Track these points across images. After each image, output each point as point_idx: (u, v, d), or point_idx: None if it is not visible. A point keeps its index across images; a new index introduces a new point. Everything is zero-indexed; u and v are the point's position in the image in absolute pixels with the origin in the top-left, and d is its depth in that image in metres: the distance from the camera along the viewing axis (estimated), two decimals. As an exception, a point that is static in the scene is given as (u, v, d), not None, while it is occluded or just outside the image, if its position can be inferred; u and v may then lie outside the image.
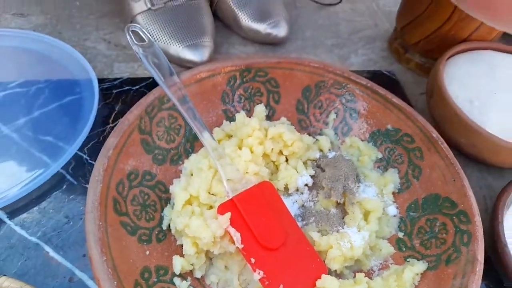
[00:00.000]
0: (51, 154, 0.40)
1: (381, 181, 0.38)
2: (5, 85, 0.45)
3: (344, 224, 0.35)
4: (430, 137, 0.37)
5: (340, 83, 0.41)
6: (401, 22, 0.56)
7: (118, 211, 0.31)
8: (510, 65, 0.48)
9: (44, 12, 0.57)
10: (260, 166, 0.36)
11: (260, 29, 0.56)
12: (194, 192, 0.33)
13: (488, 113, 0.43)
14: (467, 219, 0.32)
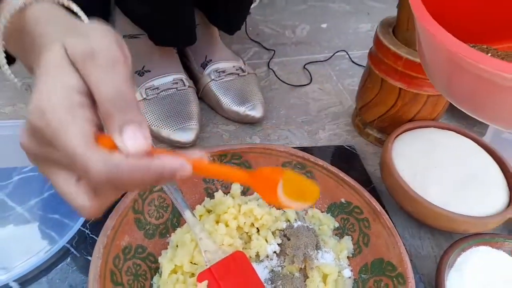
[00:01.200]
0: (58, 230, 0.46)
1: (337, 247, 0.45)
2: (20, 169, 0.53)
3: (305, 286, 0.42)
4: (374, 209, 0.45)
5: (301, 164, 0.49)
6: (359, 103, 0.66)
7: (114, 281, 0.37)
8: (448, 141, 0.57)
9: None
10: (235, 238, 0.43)
11: (239, 111, 0.65)
12: (179, 263, 0.40)
13: (429, 185, 0.51)
14: (404, 280, 0.39)
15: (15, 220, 0.47)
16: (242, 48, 0.87)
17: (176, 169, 0.24)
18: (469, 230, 0.49)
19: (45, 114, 0.22)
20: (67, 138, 0.22)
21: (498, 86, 0.30)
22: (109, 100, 0.24)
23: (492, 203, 0.50)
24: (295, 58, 0.86)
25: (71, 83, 0.24)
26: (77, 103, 0.23)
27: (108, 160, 0.23)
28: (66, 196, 0.25)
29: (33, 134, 0.24)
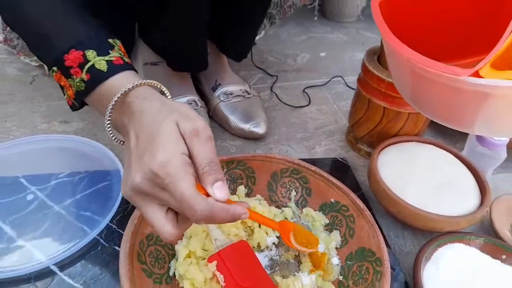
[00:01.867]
0: (89, 225, 0.55)
1: (328, 239, 0.53)
2: (56, 175, 0.62)
3: (299, 270, 0.49)
4: (358, 207, 0.52)
5: (297, 169, 0.58)
6: (351, 121, 0.75)
7: (140, 260, 0.45)
8: (427, 153, 0.65)
9: (82, 119, 0.76)
10: (239, 230, 0.51)
11: (245, 128, 0.75)
12: (192, 249, 0.48)
13: (409, 190, 0.59)
14: (380, 263, 0.46)
15: (53, 216, 0.56)
16: (248, 74, 0.97)
17: (242, 214, 0.37)
18: (444, 228, 0.56)
19: (166, 167, 0.33)
20: (182, 185, 0.33)
21: (451, 88, 0.37)
22: (205, 164, 0.35)
23: (465, 206, 0.57)
24: (296, 83, 0.96)
25: (183, 149, 0.35)
26: (188, 163, 0.35)
27: (208, 203, 0.34)
28: (156, 224, 0.36)
29: (152, 179, 0.34)
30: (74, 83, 0.41)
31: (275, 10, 0.98)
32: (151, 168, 0.34)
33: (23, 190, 0.59)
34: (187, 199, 0.33)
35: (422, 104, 0.44)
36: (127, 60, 0.43)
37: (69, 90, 0.43)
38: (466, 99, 0.37)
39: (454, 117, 0.42)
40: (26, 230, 0.53)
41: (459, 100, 0.38)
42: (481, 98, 0.35)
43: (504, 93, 0.33)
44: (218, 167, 0.36)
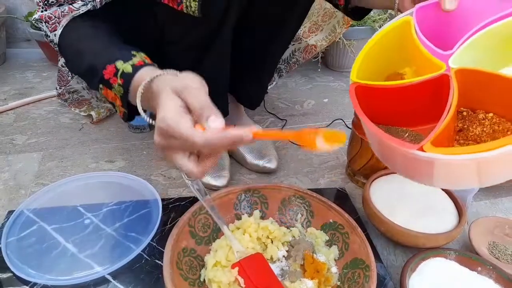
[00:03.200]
0: (135, 243, 0.68)
1: (328, 253, 0.65)
2: (107, 204, 0.76)
3: (304, 277, 0.61)
4: (352, 225, 0.64)
5: (302, 196, 0.71)
6: (348, 157, 0.88)
7: (179, 267, 0.58)
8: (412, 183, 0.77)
9: (124, 159, 0.92)
10: (255, 244, 0.64)
11: (259, 164, 0.88)
12: (218, 259, 0.60)
13: (396, 212, 0.70)
14: (369, 269, 0.57)
15: (106, 236, 0.69)
16: (262, 119, 1.12)
17: (242, 135, 0.42)
18: (426, 244, 0.67)
19: (165, 119, 0.43)
20: (180, 128, 0.41)
21: (406, 157, 0.48)
22: (199, 108, 0.42)
23: (444, 225, 0.69)
24: (303, 125, 1.10)
25: (178, 102, 0.43)
26: (183, 111, 0.43)
27: (203, 134, 0.41)
28: (181, 167, 0.45)
29: (160, 133, 0.44)
30: (116, 90, 0.54)
31: (283, 66, 1.15)
32: (158, 125, 0.44)
33: (81, 216, 0.73)
34: (186, 136, 0.40)
35: (391, 166, 0.56)
36: (148, 61, 0.54)
37: (116, 100, 0.56)
38: (419, 165, 0.48)
39: (416, 177, 0.53)
40: (85, 248, 0.67)
41: (415, 165, 0.49)
42: (429, 165, 0.46)
43: (441, 163, 0.45)
44: (209, 106, 0.42)
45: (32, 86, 1.27)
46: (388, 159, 0.56)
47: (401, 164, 0.53)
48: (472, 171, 0.45)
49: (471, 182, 0.48)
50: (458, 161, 0.43)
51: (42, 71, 1.39)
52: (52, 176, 0.85)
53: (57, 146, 0.95)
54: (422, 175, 0.51)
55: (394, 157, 0.52)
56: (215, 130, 0.41)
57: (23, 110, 1.11)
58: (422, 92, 0.53)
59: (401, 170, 0.55)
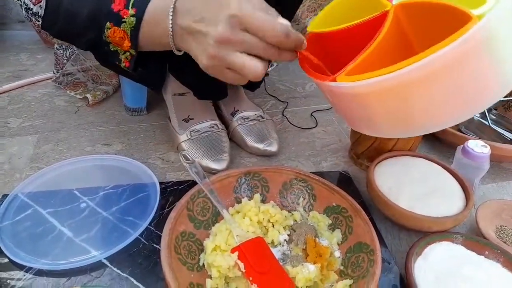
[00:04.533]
0: (132, 227, 0.66)
1: (331, 237, 0.63)
2: (103, 188, 0.74)
3: (306, 261, 0.59)
4: (355, 208, 0.62)
5: (304, 179, 0.69)
6: (351, 139, 0.86)
7: (177, 251, 0.56)
8: (418, 164, 0.75)
9: (121, 142, 0.89)
10: (256, 228, 0.62)
11: (259, 147, 0.86)
12: (218, 243, 0.59)
13: (401, 195, 0.68)
14: (373, 253, 0.55)
15: (103, 220, 0.67)
16: (262, 101, 1.10)
17: (303, 41, 0.47)
18: (432, 228, 0.65)
19: (242, 8, 0.43)
20: (259, 15, 0.43)
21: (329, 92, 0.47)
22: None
23: (450, 209, 0.67)
24: (304, 108, 1.08)
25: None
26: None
27: (282, 23, 0.44)
28: (246, 64, 0.45)
29: (231, 23, 0.43)
30: (127, 23, 0.50)
31: None
32: (230, 13, 0.42)
33: (77, 200, 0.71)
34: (266, 21, 0.42)
35: (336, 112, 0.55)
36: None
37: (125, 41, 0.52)
38: (340, 99, 0.47)
39: (351, 119, 0.52)
40: (81, 232, 0.65)
41: (339, 99, 0.48)
42: (345, 97, 0.45)
43: (350, 92, 0.43)
44: (270, 8, 0.45)
45: (26, 68, 1.24)
46: (332, 104, 0.54)
47: (334, 104, 0.52)
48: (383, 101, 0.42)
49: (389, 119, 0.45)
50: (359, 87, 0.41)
51: (36, 53, 1.36)
52: (47, 159, 0.82)
53: (53, 129, 0.92)
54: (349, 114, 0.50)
55: (329, 98, 0.51)
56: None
57: (17, 92, 1.08)
58: (367, 34, 0.49)
59: (338, 111, 0.54)
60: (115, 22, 0.52)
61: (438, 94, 0.40)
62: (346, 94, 0.44)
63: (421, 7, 0.47)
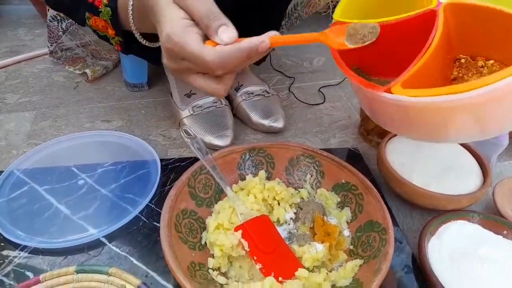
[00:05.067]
0: (132, 205, 0.63)
1: (340, 215, 0.59)
2: (102, 164, 0.71)
3: (314, 240, 0.56)
4: (366, 185, 0.59)
5: (311, 155, 0.65)
6: (361, 115, 0.82)
7: (177, 229, 0.53)
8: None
9: (122, 118, 0.86)
10: (261, 206, 0.58)
11: (265, 123, 0.82)
12: (220, 221, 0.56)
13: (414, 172, 0.65)
14: (385, 232, 0.52)
15: (101, 198, 0.65)
16: (268, 77, 1.05)
17: (257, 44, 0.36)
18: (447, 206, 0.62)
19: (171, 38, 0.37)
20: (188, 47, 0.36)
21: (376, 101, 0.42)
22: (204, 16, 0.36)
23: (467, 186, 0.63)
24: (312, 83, 1.03)
25: (180, 14, 0.38)
26: (188, 24, 0.38)
27: (215, 50, 0.36)
28: (202, 88, 0.39)
29: (168, 54, 0.38)
30: (104, 13, 0.47)
31: (283, 21, 1.05)
32: (164, 46, 0.37)
33: (75, 177, 0.68)
34: (196, 55, 0.35)
35: (372, 117, 0.51)
36: None
37: (108, 28, 0.48)
38: (390, 111, 0.43)
39: (395, 127, 0.48)
40: (79, 209, 0.62)
41: (386, 109, 0.44)
42: (399, 109, 0.41)
43: (408, 105, 0.39)
44: (218, 14, 0.37)
45: (24, 43, 1.20)
46: (368, 110, 0.51)
47: (378, 113, 0.48)
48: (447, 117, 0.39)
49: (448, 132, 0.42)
50: (423, 104, 0.38)
51: (34, 29, 1.31)
52: (45, 136, 0.80)
53: (51, 105, 0.89)
54: (397, 123, 0.46)
55: (369, 104, 0.47)
56: (228, 43, 0.35)
57: (14, 68, 1.05)
58: (409, 32, 0.46)
59: (379, 120, 0.50)
60: (93, 12, 0.48)
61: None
62: (399, 106, 0.40)
63: (472, 9, 0.43)
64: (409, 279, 0.56)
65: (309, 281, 0.50)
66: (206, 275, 0.51)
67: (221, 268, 0.53)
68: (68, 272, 0.50)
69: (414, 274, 0.56)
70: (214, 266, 0.52)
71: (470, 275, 0.53)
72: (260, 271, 0.51)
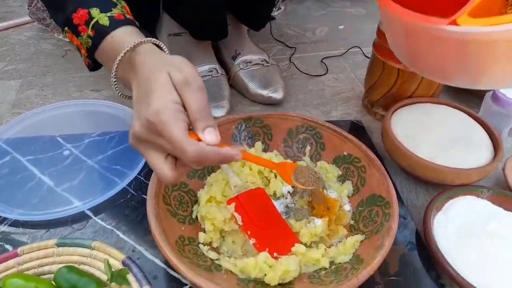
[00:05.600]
0: (119, 177, 0.59)
1: (340, 189, 0.56)
2: (89, 135, 0.67)
3: (312, 215, 0.52)
4: (369, 157, 0.55)
5: (312, 126, 0.61)
6: (366, 85, 0.77)
7: (165, 202, 0.50)
8: (440, 112, 0.67)
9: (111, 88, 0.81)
10: (256, 178, 0.55)
11: (263, 94, 0.78)
12: (213, 194, 0.52)
13: (420, 144, 0.60)
14: (389, 206, 0.49)
15: (87, 169, 0.61)
16: (268, 47, 1.00)
17: (233, 155, 0.40)
18: (455, 181, 0.58)
19: (159, 115, 0.36)
20: (173, 130, 0.36)
21: (437, 39, 0.38)
22: (197, 112, 0.38)
23: (476, 160, 0.59)
24: (314, 54, 0.98)
25: (176, 98, 0.38)
26: (179, 110, 0.38)
27: (198, 145, 0.37)
28: (156, 168, 0.40)
29: (148, 127, 0.37)
30: (83, 40, 0.45)
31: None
32: (146, 116, 0.37)
33: (60, 147, 0.64)
34: (179, 142, 0.36)
35: (417, 62, 0.46)
36: (128, 16, 0.46)
37: (82, 49, 0.47)
38: (451, 50, 0.39)
39: (444, 70, 0.43)
40: (63, 181, 0.59)
41: (439, 48, 0.40)
42: (464, 46, 0.36)
43: (474, 38, 0.34)
44: (208, 114, 0.39)
45: (12, 10, 1.14)
46: (413, 53, 0.46)
47: (428, 55, 0.43)
48: None
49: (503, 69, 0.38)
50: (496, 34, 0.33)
51: (23, -5, 1.25)
52: (30, 105, 0.75)
53: (38, 74, 0.85)
54: (447, 63, 0.42)
55: (418, 46, 0.42)
56: (210, 144, 0.38)
57: (1, 35, 1.00)
58: None
59: (427, 65, 0.45)
60: (73, 31, 0.46)
61: None
62: (462, 40, 0.36)
63: None
64: (412, 256, 0.52)
65: (306, 257, 0.46)
66: (196, 249, 0.47)
67: (212, 243, 0.50)
68: (48, 246, 0.47)
69: (418, 251, 0.53)
70: (205, 241, 0.49)
71: (477, 252, 0.50)
72: (254, 247, 0.47)
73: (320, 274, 0.46)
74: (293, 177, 0.49)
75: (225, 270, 0.46)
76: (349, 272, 0.43)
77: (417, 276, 0.50)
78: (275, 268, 0.44)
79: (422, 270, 0.51)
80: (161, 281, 0.48)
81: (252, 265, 0.44)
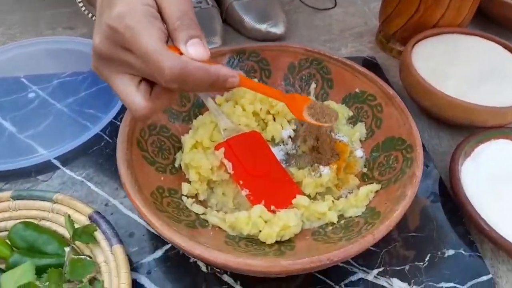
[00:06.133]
0: (92, 122, 0.51)
1: (350, 132, 0.47)
2: (59, 75, 0.58)
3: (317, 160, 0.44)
4: (387, 94, 0.45)
5: (317, 59, 0.51)
6: (381, 17, 0.66)
7: (141, 147, 0.41)
8: (471, 43, 0.56)
9: (87, 25, 0.71)
10: (250, 119, 0.46)
11: (261, 29, 0.67)
12: (199, 139, 0.43)
13: (446, 80, 0.51)
14: (411, 149, 0.40)
15: (55, 113, 0.53)
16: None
17: (228, 76, 0.30)
18: (488, 121, 0.49)
19: (125, 19, 0.26)
20: (144, 39, 0.26)
21: None
22: (177, 17, 0.28)
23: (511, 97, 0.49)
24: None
25: (148, 1, 0.28)
26: (153, 14, 0.28)
27: (179, 58, 0.27)
28: (124, 97, 0.30)
29: (110, 36, 0.27)
30: None
31: None
32: (108, 22, 0.27)
33: (25, 89, 0.56)
34: (152, 54, 0.26)
35: None
36: None
37: None
38: None
39: None
40: (27, 127, 0.51)
41: None
42: None
43: None
44: (193, 22, 0.29)
45: None
46: None
47: None
48: None
49: None
50: None
51: None
52: (-5, 45, 0.66)
53: (4, 11, 0.74)
54: None
55: None
56: (195, 60, 0.28)
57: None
58: None
59: None
60: None
61: None
62: None
63: None
64: (435, 208, 0.45)
65: (310, 210, 0.38)
66: (178, 203, 0.40)
67: (199, 196, 0.42)
68: (2, 199, 0.39)
69: (442, 203, 0.45)
70: (189, 192, 0.41)
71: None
72: (247, 199, 0.40)
73: (326, 230, 0.38)
74: (306, 112, 0.40)
75: (212, 226, 0.38)
76: (362, 228, 0.35)
77: (441, 232, 0.42)
78: (272, 223, 0.36)
79: (447, 224, 0.43)
80: (139, 239, 0.41)
81: (244, 220, 0.37)
